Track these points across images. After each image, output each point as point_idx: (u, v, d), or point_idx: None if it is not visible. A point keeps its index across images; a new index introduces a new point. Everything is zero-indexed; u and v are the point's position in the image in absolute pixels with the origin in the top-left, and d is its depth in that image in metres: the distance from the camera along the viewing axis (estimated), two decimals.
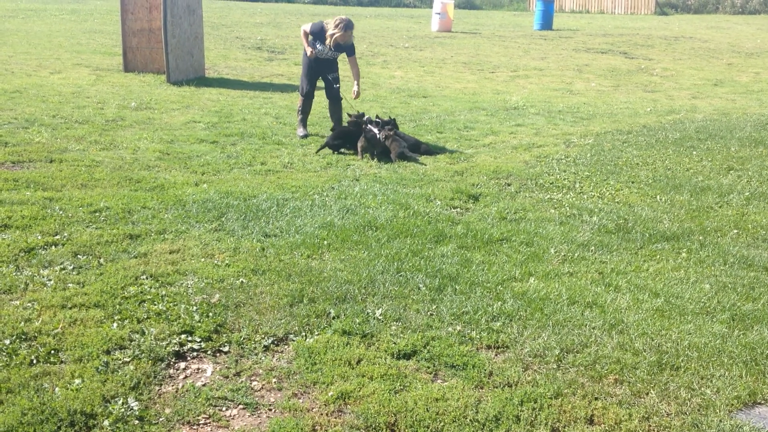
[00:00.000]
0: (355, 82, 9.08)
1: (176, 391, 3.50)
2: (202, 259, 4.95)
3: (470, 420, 3.33)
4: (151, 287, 4.48)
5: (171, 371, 3.68)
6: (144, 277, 4.63)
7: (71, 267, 4.72)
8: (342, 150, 8.46)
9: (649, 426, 3.35)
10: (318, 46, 8.98)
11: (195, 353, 3.85)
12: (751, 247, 5.66)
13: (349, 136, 8.54)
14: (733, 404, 3.53)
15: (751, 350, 4.00)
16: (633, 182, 7.35)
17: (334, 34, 8.77)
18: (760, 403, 3.57)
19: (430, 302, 4.46)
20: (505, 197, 6.74)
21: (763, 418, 3.46)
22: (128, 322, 4.05)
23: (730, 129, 10.07)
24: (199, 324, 4.06)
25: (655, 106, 12.63)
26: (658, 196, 6.89)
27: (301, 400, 3.48)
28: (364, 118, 8.63)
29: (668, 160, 8.30)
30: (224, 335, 4.01)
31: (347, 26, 8.80)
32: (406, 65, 16.91)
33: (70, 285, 4.46)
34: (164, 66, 12.80)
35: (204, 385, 3.57)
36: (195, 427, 3.27)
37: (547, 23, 26.59)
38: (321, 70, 9.20)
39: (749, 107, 12.61)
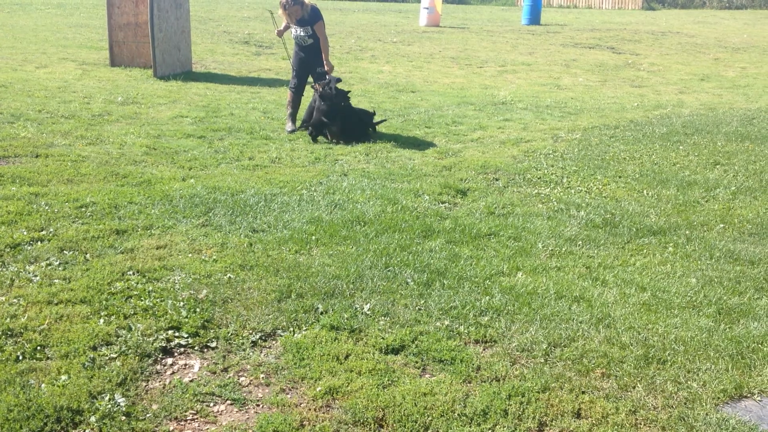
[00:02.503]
0: (325, 61, 8.98)
1: (163, 387, 3.49)
2: (190, 255, 4.93)
3: (458, 414, 3.33)
4: (137, 283, 4.46)
5: (158, 367, 3.66)
6: (131, 272, 4.60)
7: (57, 263, 4.69)
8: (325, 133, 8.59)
9: (636, 419, 3.37)
10: (293, 31, 9.03)
11: (182, 349, 3.83)
12: (737, 241, 5.70)
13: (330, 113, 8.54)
14: (719, 398, 3.55)
15: (737, 344, 4.02)
16: (620, 177, 7.37)
17: (284, 15, 8.88)
18: (746, 397, 3.60)
19: (418, 297, 4.46)
20: (493, 192, 6.75)
21: (749, 411, 3.48)
22: (115, 317, 4.03)
23: (717, 124, 10.12)
24: (187, 320, 4.05)
25: (642, 101, 12.67)
26: (644, 191, 6.92)
27: (289, 396, 3.47)
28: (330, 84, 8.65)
29: (655, 154, 8.33)
30: (212, 331, 4.00)
31: (285, 3, 8.75)
32: (395, 60, 16.89)
33: (56, 281, 4.42)
34: (151, 60, 12.73)
35: (191, 381, 3.55)
36: (182, 422, 3.26)
37: (534, 18, 26.66)
38: (308, 61, 9.17)
39: (735, 102, 12.68)
